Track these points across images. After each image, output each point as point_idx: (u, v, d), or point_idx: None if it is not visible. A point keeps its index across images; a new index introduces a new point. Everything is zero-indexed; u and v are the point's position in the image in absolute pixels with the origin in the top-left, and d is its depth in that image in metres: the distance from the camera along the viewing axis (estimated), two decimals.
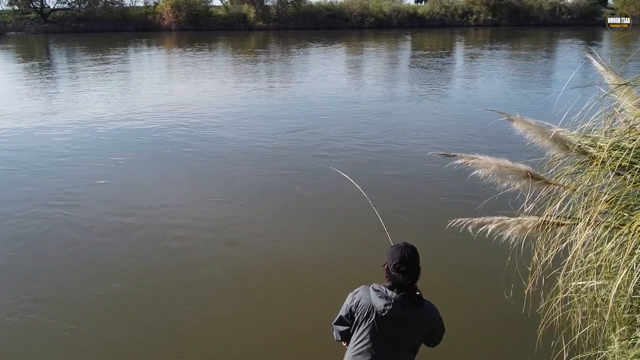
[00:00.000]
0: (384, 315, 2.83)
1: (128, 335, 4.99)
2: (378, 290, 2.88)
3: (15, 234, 7.15)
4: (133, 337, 4.98)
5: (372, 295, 2.89)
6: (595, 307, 2.77)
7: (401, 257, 2.80)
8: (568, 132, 2.87)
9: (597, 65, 3.07)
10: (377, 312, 2.85)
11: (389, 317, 2.83)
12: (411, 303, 2.83)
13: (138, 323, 5.21)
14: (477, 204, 3.34)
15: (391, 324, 2.86)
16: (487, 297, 5.40)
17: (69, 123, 13.57)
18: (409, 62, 28.55)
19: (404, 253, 2.81)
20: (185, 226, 7.40)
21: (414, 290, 2.87)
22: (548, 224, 2.75)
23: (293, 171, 9.65)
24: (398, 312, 2.81)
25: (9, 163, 10.35)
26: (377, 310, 2.84)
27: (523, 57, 29.82)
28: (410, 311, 2.83)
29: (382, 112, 14.97)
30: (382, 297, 2.83)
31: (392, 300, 2.81)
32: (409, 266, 2.80)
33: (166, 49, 36.65)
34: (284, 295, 5.62)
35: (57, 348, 4.87)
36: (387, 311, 2.81)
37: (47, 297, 5.66)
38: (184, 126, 13.20)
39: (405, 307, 2.82)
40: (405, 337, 2.92)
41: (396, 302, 2.81)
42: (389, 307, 2.80)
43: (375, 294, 2.86)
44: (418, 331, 2.94)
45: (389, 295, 2.83)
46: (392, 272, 2.84)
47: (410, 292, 2.85)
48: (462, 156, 2.86)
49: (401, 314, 2.82)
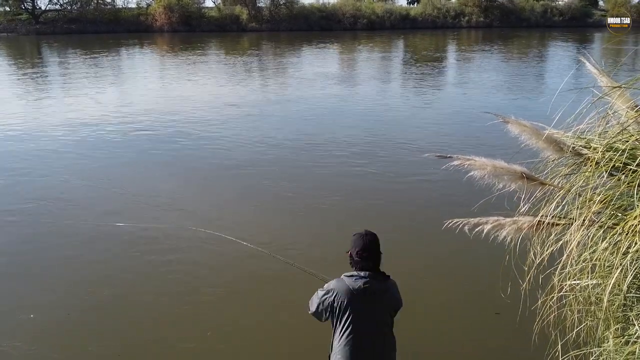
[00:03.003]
0: (365, 293, 3.05)
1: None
2: (351, 275, 3.11)
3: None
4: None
5: (347, 281, 3.10)
6: (589, 305, 2.82)
7: (364, 245, 3.10)
8: (562, 133, 2.93)
9: (590, 68, 3.12)
10: (357, 293, 3.05)
11: (370, 293, 3.06)
12: (382, 278, 3.12)
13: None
14: (472, 205, 3.38)
15: (371, 301, 3.08)
16: (483, 296, 5.48)
17: (59, 125, 13.54)
18: (402, 64, 28.64)
19: (366, 240, 3.11)
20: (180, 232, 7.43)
21: (378, 269, 3.15)
22: (543, 224, 2.80)
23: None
24: (375, 287, 3.07)
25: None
26: (357, 291, 3.05)
27: (516, 59, 30.02)
28: (382, 285, 3.10)
29: (374, 114, 15.03)
30: (358, 278, 3.08)
31: (368, 277, 3.06)
32: (371, 252, 3.10)
33: (158, 50, 36.58)
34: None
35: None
36: (367, 288, 3.05)
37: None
38: (176, 127, 13.21)
39: (379, 282, 3.10)
40: (383, 313, 3.15)
41: (372, 279, 3.07)
42: (367, 285, 3.05)
43: (351, 279, 3.09)
44: (389, 305, 3.18)
45: (362, 275, 3.08)
46: (355, 258, 3.12)
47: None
48: (458, 157, 2.90)
49: (378, 287, 3.08)
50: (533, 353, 3.38)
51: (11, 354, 4.75)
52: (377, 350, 3.10)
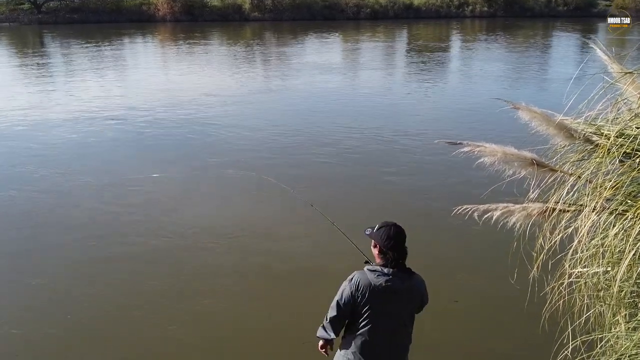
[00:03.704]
0: (385, 291, 2.98)
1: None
2: (374, 270, 3.03)
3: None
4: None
5: (369, 276, 3.02)
6: (598, 291, 2.82)
7: (391, 236, 3.02)
8: (573, 120, 2.92)
9: (600, 54, 3.11)
10: (377, 291, 2.98)
11: (390, 292, 2.98)
12: (407, 275, 3.03)
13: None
14: (482, 192, 3.38)
15: (391, 299, 3.01)
16: (492, 282, 5.54)
17: (63, 116, 13.54)
18: (407, 53, 28.50)
19: (392, 233, 3.03)
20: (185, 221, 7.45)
21: (404, 265, 3.06)
22: (553, 210, 2.80)
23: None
24: (397, 286, 2.99)
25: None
26: (378, 288, 2.98)
27: (521, 48, 29.82)
28: (405, 283, 3.02)
29: (381, 103, 15.00)
30: (381, 275, 3.00)
31: (390, 275, 2.98)
32: (399, 243, 3.03)
33: (161, 39, 36.45)
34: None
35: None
36: (388, 287, 2.97)
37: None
38: (179, 118, 13.19)
39: (402, 280, 3.01)
40: (404, 310, 3.09)
41: (394, 277, 2.99)
42: (389, 284, 2.97)
43: (373, 274, 3.01)
44: (414, 301, 3.12)
45: (385, 272, 3.00)
46: (384, 249, 3.03)
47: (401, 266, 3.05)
48: (468, 144, 2.90)
49: (400, 287, 2.99)
50: (542, 338, 3.40)
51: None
52: (392, 349, 3.09)
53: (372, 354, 3.05)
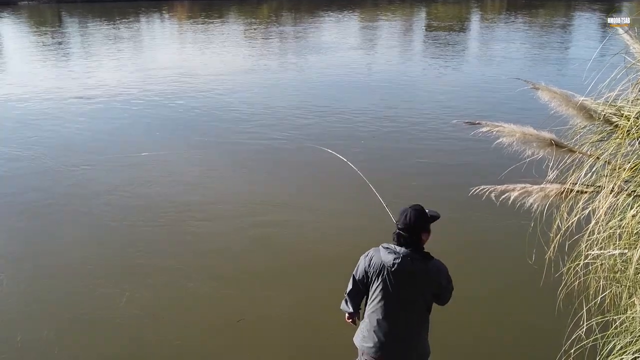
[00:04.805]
0: (393, 270, 3.01)
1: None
2: (387, 247, 3.09)
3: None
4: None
5: (382, 252, 3.09)
6: (614, 273, 2.83)
7: (403, 219, 3.06)
8: (593, 101, 2.89)
9: (623, 35, 3.06)
10: (388, 268, 3.03)
11: (398, 271, 3.01)
12: (419, 257, 3.02)
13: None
14: (500, 172, 3.38)
15: (401, 279, 3.03)
16: (509, 261, 5.58)
17: (82, 93, 13.67)
18: (425, 32, 28.18)
19: (405, 215, 3.06)
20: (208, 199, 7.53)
21: (421, 248, 3.07)
22: (571, 191, 2.80)
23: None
24: (407, 266, 3.00)
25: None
26: (387, 265, 3.03)
27: (543, 27, 29.27)
28: (418, 265, 3.01)
29: (399, 83, 14.90)
30: (391, 252, 3.04)
31: (401, 254, 3.01)
32: (409, 228, 3.03)
33: (178, 18, 36.40)
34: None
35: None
36: (397, 265, 3.00)
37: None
38: (195, 96, 13.24)
39: (413, 260, 3.01)
40: (416, 292, 3.08)
41: (404, 256, 3.00)
42: (397, 261, 3.00)
43: (385, 251, 3.07)
44: (427, 286, 3.08)
45: (397, 250, 3.03)
46: (397, 228, 3.09)
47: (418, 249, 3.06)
48: (487, 124, 2.89)
49: (409, 267, 3.00)
50: (556, 318, 3.42)
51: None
52: (400, 329, 3.10)
53: (380, 331, 3.10)
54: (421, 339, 3.16)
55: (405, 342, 3.11)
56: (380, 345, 3.09)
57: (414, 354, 3.14)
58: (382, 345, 3.09)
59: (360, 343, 3.20)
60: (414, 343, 3.13)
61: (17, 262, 5.89)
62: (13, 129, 10.65)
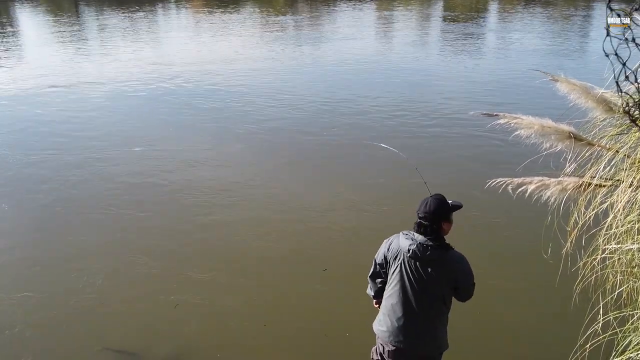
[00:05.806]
0: (409, 255, 3.03)
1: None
2: (407, 234, 3.11)
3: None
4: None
5: (401, 238, 3.12)
6: (632, 268, 2.80)
7: (422, 208, 3.06)
8: (612, 93, 2.85)
9: None
10: (404, 254, 3.06)
11: (414, 257, 3.02)
12: (436, 246, 3.00)
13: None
14: (517, 164, 3.35)
15: (416, 265, 3.04)
16: (525, 255, 5.54)
17: (100, 83, 13.78)
18: (442, 22, 27.90)
19: (425, 204, 3.06)
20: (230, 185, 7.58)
21: (441, 237, 3.06)
22: (588, 185, 2.77)
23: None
24: (422, 253, 3.00)
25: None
26: (404, 251, 3.05)
27: (563, 17, 28.84)
28: (434, 253, 3.00)
29: (418, 73, 14.80)
30: (409, 238, 3.05)
31: (417, 241, 3.01)
32: (427, 216, 3.01)
33: (193, 7, 36.42)
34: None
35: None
36: (412, 251, 3.01)
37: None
38: (212, 88, 13.28)
39: (430, 248, 2.99)
40: (431, 280, 3.04)
41: (420, 243, 3.00)
42: (413, 247, 3.00)
43: (404, 237, 3.10)
44: (444, 277, 3.05)
45: (415, 237, 3.04)
46: (417, 216, 3.08)
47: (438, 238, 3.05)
48: (505, 116, 2.87)
49: (425, 255, 2.99)
50: (573, 313, 3.39)
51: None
52: (412, 315, 3.07)
53: (394, 315, 3.10)
54: (436, 330, 3.11)
55: (416, 329, 3.08)
56: (392, 331, 3.09)
57: (425, 342, 3.09)
58: (394, 330, 3.09)
59: (377, 327, 3.21)
60: (426, 331, 3.09)
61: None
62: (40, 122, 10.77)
